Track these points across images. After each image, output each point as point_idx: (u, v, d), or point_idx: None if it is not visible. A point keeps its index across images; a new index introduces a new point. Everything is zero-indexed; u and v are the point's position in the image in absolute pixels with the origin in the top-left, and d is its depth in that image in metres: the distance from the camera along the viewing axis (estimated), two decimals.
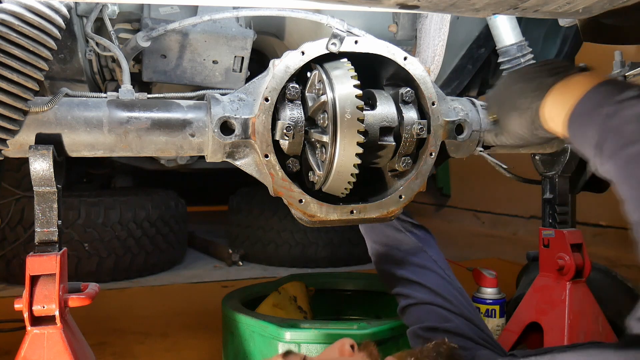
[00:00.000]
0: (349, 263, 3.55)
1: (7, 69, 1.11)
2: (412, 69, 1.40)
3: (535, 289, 1.76)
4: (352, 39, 1.36)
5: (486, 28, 1.93)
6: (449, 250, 4.05)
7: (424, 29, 1.65)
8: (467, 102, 1.57)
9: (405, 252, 1.54)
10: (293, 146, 1.34)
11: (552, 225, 1.77)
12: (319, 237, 3.48)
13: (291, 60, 1.32)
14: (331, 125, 1.29)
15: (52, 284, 1.16)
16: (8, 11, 1.11)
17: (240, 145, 1.33)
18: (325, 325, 1.59)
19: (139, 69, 1.72)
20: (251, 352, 1.59)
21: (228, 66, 1.74)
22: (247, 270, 3.47)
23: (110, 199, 3.24)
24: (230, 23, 1.70)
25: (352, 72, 1.32)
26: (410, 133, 1.39)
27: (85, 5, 1.56)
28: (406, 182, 1.44)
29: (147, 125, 1.27)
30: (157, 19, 1.66)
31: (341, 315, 2.22)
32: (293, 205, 1.36)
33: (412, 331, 1.42)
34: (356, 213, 1.40)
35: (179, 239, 3.56)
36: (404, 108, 1.40)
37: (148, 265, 3.33)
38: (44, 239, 1.20)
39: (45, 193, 1.20)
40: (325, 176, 1.35)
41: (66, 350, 1.15)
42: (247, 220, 3.63)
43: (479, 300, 1.79)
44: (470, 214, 5.56)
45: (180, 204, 3.64)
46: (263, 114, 1.30)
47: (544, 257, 1.77)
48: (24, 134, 1.21)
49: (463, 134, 1.50)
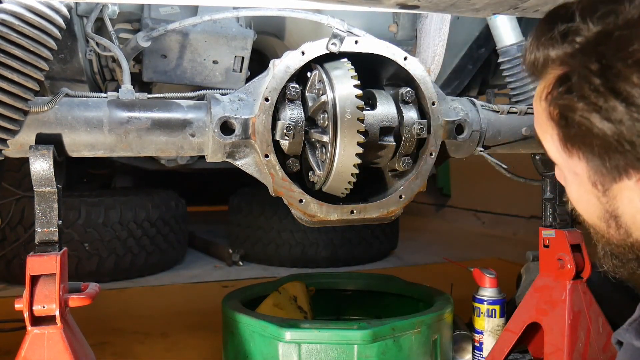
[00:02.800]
0: (349, 263, 3.55)
1: (7, 69, 1.11)
2: (412, 69, 1.40)
3: (535, 289, 1.76)
4: (352, 39, 1.36)
5: (486, 28, 1.93)
6: (449, 250, 4.06)
7: (424, 29, 1.65)
8: (467, 102, 1.57)
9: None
10: (293, 146, 1.34)
11: (553, 225, 1.77)
12: (320, 237, 3.47)
13: (291, 60, 1.33)
14: (331, 125, 1.29)
15: (52, 284, 1.16)
16: (8, 11, 1.11)
17: (240, 145, 1.33)
18: (326, 325, 1.59)
19: (139, 69, 1.72)
20: (251, 352, 1.59)
21: (228, 66, 1.74)
22: (247, 270, 3.47)
23: (111, 199, 3.23)
24: (231, 23, 1.70)
25: (352, 72, 1.32)
26: (410, 133, 1.39)
27: (85, 5, 1.56)
28: (406, 182, 1.44)
29: (148, 125, 1.27)
30: (157, 19, 1.66)
31: (341, 315, 2.21)
32: (293, 205, 1.37)
33: None
34: (356, 213, 1.40)
35: (179, 239, 3.55)
36: (404, 108, 1.40)
37: (148, 265, 3.32)
38: (44, 239, 1.20)
39: (45, 193, 1.20)
40: (325, 176, 1.35)
41: (66, 350, 1.15)
42: (247, 220, 3.62)
43: (479, 300, 1.79)
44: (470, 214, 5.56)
45: (181, 204, 3.64)
46: (263, 114, 1.30)
47: (544, 257, 1.77)
48: (24, 134, 1.21)
49: (463, 134, 1.50)
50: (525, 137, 1.61)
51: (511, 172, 1.70)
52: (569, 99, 0.79)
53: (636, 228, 0.83)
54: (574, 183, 0.88)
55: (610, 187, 0.81)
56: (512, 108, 1.61)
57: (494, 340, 1.78)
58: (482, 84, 2.42)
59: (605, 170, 0.80)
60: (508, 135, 1.60)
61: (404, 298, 2.07)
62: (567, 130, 0.82)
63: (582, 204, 0.89)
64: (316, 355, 1.51)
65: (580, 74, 0.78)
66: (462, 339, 1.85)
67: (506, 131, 1.59)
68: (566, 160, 0.86)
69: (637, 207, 0.80)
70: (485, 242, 4.55)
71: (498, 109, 1.59)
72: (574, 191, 0.90)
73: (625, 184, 0.79)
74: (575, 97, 0.78)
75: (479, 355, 1.81)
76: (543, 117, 0.86)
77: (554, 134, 0.85)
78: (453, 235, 4.97)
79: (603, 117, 0.75)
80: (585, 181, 0.84)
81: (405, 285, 2.10)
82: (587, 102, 0.77)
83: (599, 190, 0.83)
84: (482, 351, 1.80)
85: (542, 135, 0.90)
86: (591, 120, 0.76)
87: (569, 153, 0.84)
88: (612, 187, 0.81)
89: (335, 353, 1.51)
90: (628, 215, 0.82)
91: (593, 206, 0.86)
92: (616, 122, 0.75)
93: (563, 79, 0.81)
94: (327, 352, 1.51)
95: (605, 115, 0.75)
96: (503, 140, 1.60)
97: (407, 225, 4.10)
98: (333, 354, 1.51)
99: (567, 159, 0.85)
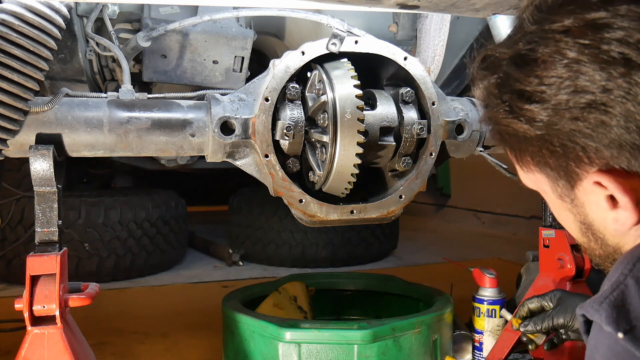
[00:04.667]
0: (349, 263, 3.55)
1: (7, 69, 1.11)
2: (412, 69, 1.40)
3: (535, 289, 1.76)
4: (352, 39, 1.36)
5: (486, 28, 1.93)
6: (449, 250, 4.06)
7: (424, 29, 1.65)
8: (467, 102, 1.57)
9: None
10: (293, 146, 1.34)
11: (553, 225, 1.77)
12: (320, 237, 3.47)
13: (291, 60, 1.33)
14: (331, 125, 1.29)
15: (52, 284, 1.16)
16: (8, 11, 1.11)
17: (240, 145, 1.33)
18: (326, 325, 1.59)
19: (139, 69, 1.72)
20: (251, 352, 1.59)
21: (228, 66, 1.74)
22: (247, 270, 3.47)
23: (111, 199, 3.23)
24: (231, 23, 1.70)
25: (352, 72, 1.32)
26: (410, 133, 1.39)
27: (85, 5, 1.56)
28: (406, 182, 1.44)
29: (148, 125, 1.27)
30: (157, 19, 1.66)
31: (341, 315, 2.21)
32: (293, 205, 1.37)
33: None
34: (356, 213, 1.40)
35: (179, 239, 3.55)
36: (404, 108, 1.40)
37: (148, 265, 3.32)
38: (45, 239, 1.20)
39: (45, 193, 1.20)
40: (325, 176, 1.35)
41: (66, 350, 1.15)
42: (248, 220, 3.62)
43: (479, 300, 1.79)
44: (470, 214, 5.56)
45: (181, 204, 3.64)
46: (263, 114, 1.30)
47: (544, 257, 1.77)
48: (24, 134, 1.21)
49: (463, 134, 1.50)
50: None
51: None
52: (489, 113, 0.81)
53: (609, 233, 0.79)
54: (549, 202, 0.86)
55: (575, 196, 0.79)
56: None
57: (494, 340, 1.78)
58: None
59: (559, 177, 0.78)
60: None
61: (404, 298, 2.07)
62: (505, 143, 0.83)
63: (564, 222, 0.87)
64: (316, 355, 1.51)
65: (486, 88, 0.81)
66: (462, 339, 1.85)
67: None
68: (532, 179, 0.85)
69: (604, 208, 0.75)
70: (485, 242, 4.55)
71: None
72: (554, 212, 0.88)
73: (583, 186, 0.76)
74: (492, 110, 0.80)
75: (479, 355, 1.81)
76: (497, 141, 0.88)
77: (510, 156, 0.86)
78: (453, 235, 4.97)
79: (520, 120, 0.76)
80: (554, 197, 0.82)
81: (405, 285, 2.10)
82: (501, 111, 0.78)
83: (566, 202, 0.81)
84: (482, 351, 1.80)
85: (512, 162, 0.90)
86: (512, 126, 0.77)
87: (527, 170, 0.83)
88: (575, 194, 0.79)
89: (335, 353, 1.51)
90: (599, 221, 0.79)
91: (570, 221, 0.84)
92: (534, 123, 0.74)
93: (485, 104, 0.84)
94: (327, 352, 1.51)
95: (521, 118, 0.76)
96: None
97: (407, 225, 4.10)
98: (333, 354, 1.50)
99: (531, 178, 0.84)
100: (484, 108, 0.85)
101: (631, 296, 0.69)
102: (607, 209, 0.75)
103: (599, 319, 0.70)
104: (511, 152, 0.84)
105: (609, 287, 0.72)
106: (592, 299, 0.73)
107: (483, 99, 0.84)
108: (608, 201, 0.75)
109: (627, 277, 0.71)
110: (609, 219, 0.76)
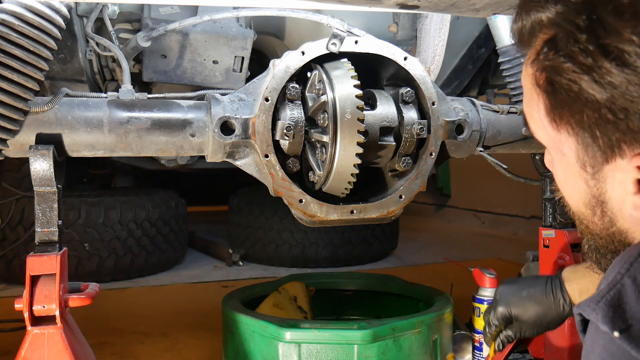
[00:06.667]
0: (349, 263, 3.55)
1: (7, 69, 1.12)
2: (412, 69, 1.40)
3: None
4: (352, 39, 1.36)
5: (486, 28, 1.93)
6: (449, 250, 4.06)
7: (424, 29, 1.65)
8: (467, 102, 1.57)
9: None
10: (293, 146, 1.34)
11: (553, 225, 1.77)
12: (320, 237, 3.47)
13: (291, 60, 1.33)
14: (331, 125, 1.29)
15: (52, 283, 1.16)
16: (8, 11, 1.11)
17: (240, 145, 1.33)
18: (326, 325, 1.59)
19: (139, 69, 1.72)
20: (251, 352, 1.59)
21: (228, 66, 1.74)
22: (247, 270, 3.47)
23: (111, 199, 3.23)
24: (231, 23, 1.70)
25: (352, 72, 1.32)
26: (410, 133, 1.39)
27: (85, 5, 1.56)
28: (406, 182, 1.44)
29: (148, 125, 1.27)
30: (157, 19, 1.66)
31: (341, 315, 2.21)
32: (293, 205, 1.37)
33: None
34: (356, 213, 1.40)
35: (179, 239, 3.56)
36: (404, 108, 1.40)
37: (148, 265, 3.32)
38: (44, 239, 1.20)
39: (45, 193, 1.20)
40: (325, 176, 1.35)
41: (66, 350, 1.15)
42: (248, 220, 3.63)
43: (479, 300, 1.79)
44: (470, 214, 5.56)
45: (181, 204, 3.64)
46: (263, 114, 1.30)
47: (544, 257, 1.77)
48: (24, 134, 1.21)
49: (463, 134, 1.50)
50: (525, 137, 1.61)
51: (511, 172, 1.70)
52: (554, 60, 0.72)
53: (622, 215, 0.76)
54: (561, 165, 0.81)
55: (601, 169, 0.75)
56: (512, 108, 1.61)
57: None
58: (482, 84, 2.42)
59: (597, 146, 0.73)
60: (508, 135, 1.60)
61: (404, 298, 2.07)
62: (554, 97, 0.74)
63: (569, 188, 0.82)
64: (316, 355, 1.51)
65: (567, 31, 0.70)
66: (462, 339, 1.85)
67: (506, 131, 1.59)
68: (554, 138, 0.78)
69: (628, 190, 0.72)
70: (485, 242, 4.55)
71: (498, 109, 1.59)
72: (560, 174, 0.83)
73: (618, 164, 0.72)
74: (561, 57, 0.71)
75: (479, 355, 1.81)
76: (529, 86, 0.79)
77: (540, 106, 0.78)
78: (453, 235, 4.97)
79: (592, 79, 0.68)
80: (574, 162, 0.77)
81: (405, 285, 2.10)
82: (575, 63, 0.69)
83: (587, 172, 0.76)
84: (482, 351, 1.80)
85: (529, 113, 0.83)
86: (579, 83, 0.69)
87: (557, 127, 0.77)
88: (602, 168, 0.74)
89: (335, 353, 1.51)
90: (616, 201, 0.75)
91: (580, 191, 0.80)
92: (607, 86, 0.67)
93: (551, 40, 0.73)
94: (327, 352, 1.51)
95: (595, 77, 0.68)
96: (503, 140, 1.60)
97: (407, 225, 4.10)
98: (333, 354, 1.51)
99: (555, 136, 0.78)
100: (532, 41, 0.76)
101: (627, 295, 0.69)
102: (630, 192, 0.73)
103: (595, 318, 0.69)
104: (548, 102, 0.76)
105: (605, 286, 0.71)
106: (589, 298, 0.72)
107: (543, 27, 0.73)
108: (635, 185, 0.72)
109: (624, 277, 0.70)
110: (629, 202, 0.74)
